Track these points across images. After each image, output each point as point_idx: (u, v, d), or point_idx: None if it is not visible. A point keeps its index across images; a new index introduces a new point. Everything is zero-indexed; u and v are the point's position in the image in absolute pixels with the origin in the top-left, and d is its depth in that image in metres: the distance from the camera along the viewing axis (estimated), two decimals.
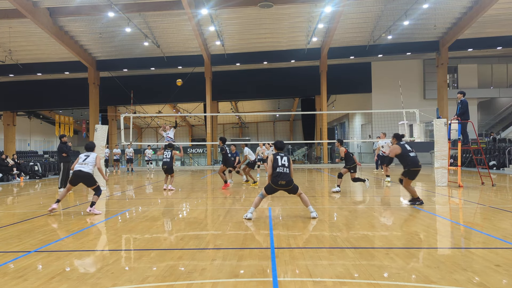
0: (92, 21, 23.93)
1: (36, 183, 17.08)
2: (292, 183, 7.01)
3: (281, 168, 6.95)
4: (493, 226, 6.14)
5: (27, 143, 45.33)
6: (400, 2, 22.30)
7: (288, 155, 7.20)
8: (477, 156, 19.41)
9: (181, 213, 8.04)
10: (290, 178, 7.00)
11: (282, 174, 6.92)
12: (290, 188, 7.05)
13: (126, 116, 17.10)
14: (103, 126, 13.00)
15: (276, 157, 7.10)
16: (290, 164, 7.12)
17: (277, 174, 6.94)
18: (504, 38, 26.63)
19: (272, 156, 7.16)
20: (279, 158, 7.09)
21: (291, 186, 7.01)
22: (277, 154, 7.19)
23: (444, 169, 12.09)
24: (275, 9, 22.60)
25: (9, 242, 5.56)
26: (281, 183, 6.91)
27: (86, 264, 4.45)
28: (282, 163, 7.02)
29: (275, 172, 6.98)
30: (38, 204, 9.72)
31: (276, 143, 7.41)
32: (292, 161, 7.28)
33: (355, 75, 31.19)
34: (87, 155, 8.26)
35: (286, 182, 6.92)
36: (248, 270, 4.13)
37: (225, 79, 31.27)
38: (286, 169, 6.98)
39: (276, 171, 6.97)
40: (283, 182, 6.91)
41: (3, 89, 33.26)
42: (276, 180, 6.93)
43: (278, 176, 6.93)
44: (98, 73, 29.96)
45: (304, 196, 7.22)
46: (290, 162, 7.15)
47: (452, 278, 3.79)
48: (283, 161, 7.05)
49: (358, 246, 5.01)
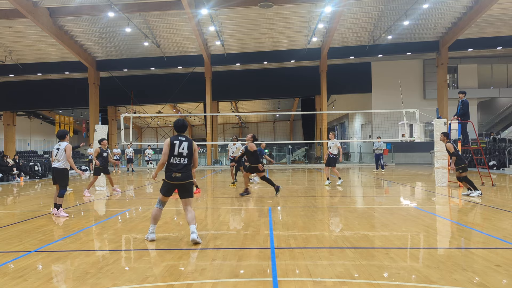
0: (92, 21, 23.93)
1: (36, 183, 17.08)
2: (189, 178, 5.51)
3: (177, 159, 5.49)
4: (493, 226, 6.14)
5: (27, 143, 45.33)
6: (400, 2, 22.29)
7: (190, 140, 5.64)
8: (477, 156, 19.40)
9: (181, 213, 8.04)
10: (188, 171, 5.51)
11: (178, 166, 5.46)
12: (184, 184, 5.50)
13: (126, 116, 17.09)
14: (103, 126, 13.02)
15: (174, 142, 5.52)
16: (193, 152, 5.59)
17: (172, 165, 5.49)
18: (504, 38, 26.62)
19: (169, 141, 5.56)
20: (177, 143, 5.51)
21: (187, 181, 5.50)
22: (176, 138, 5.58)
23: (444, 169, 12.09)
24: (275, 9, 22.59)
25: (9, 242, 5.56)
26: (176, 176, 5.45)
27: (86, 264, 4.45)
28: (180, 151, 5.51)
29: (169, 162, 5.53)
30: (38, 204, 9.71)
31: (174, 123, 5.79)
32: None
33: (355, 75, 31.19)
34: (58, 147, 7.58)
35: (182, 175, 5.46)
36: (248, 270, 4.13)
37: (225, 79, 31.27)
38: (184, 160, 5.50)
39: (170, 161, 5.51)
40: (179, 174, 5.46)
41: (3, 89, 33.25)
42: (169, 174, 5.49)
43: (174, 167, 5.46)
44: (98, 73, 29.96)
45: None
46: (193, 149, 5.59)
47: (452, 278, 3.79)
48: (181, 148, 5.51)
49: (358, 246, 5.01)
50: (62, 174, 7.53)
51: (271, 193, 10.95)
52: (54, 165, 7.57)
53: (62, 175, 7.55)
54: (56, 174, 7.55)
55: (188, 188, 5.53)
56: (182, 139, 5.53)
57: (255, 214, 7.50)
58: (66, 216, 7.58)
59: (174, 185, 5.50)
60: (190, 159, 5.53)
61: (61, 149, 7.56)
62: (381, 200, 9.72)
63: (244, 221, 6.86)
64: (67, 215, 7.64)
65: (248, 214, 7.53)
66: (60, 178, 7.55)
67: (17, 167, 18.79)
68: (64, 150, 7.53)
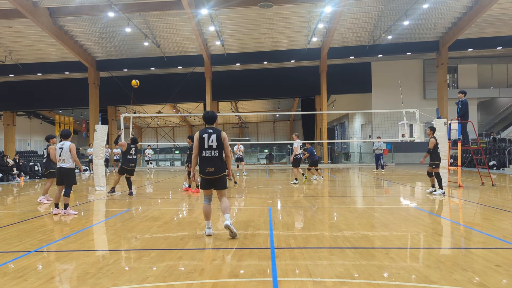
0: (92, 21, 23.93)
1: (36, 183, 17.08)
2: (222, 171, 5.53)
3: (208, 152, 5.52)
4: (493, 226, 6.14)
5: (27, 143, 45.33)
6: (400, 2, 22.29)
7: (219, 131, 5.59)
8: (477, 156, 19.40)
9: (181, 213, 8.04)
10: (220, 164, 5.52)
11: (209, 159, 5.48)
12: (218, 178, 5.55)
13: (126, 116, 17.10)
14: (103, 126, 13.02)
15: (203, 136, 5.52)
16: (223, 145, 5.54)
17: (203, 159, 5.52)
18: (504, 38, 26.62)
19: (198, 135, 5.57)
20: (206, 137, 5.50)
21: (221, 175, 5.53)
22: (205, 131, 5.56)
23: (444, 169, 12.09)
24: (275, 9, 22.60)
25: (9, 242, 5.56)
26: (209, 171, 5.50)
27: (86, 264, 4.45)
28: (209, 144, 5.52)
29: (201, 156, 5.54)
30: (38, 204, 9.71)
31: (203, 115, 5.81)
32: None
33: (355, 75, 31.19)
34: (61, 147, 7.61)
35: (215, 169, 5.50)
36: (248, 270, 4.13)
37: (225, 79, 31.27)
38: (214, 152, 5.51)
39: (202, 155, 5.54)
40: (211, 169, 5.50)
41: (3, 89, 33.24)
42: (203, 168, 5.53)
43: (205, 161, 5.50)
44: (98, 73, 29.95)
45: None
46: (222, 140, 5.54)
47: (452, 278, 3.79)
48: (211, 141, 5.51)
49: (358, 246, 5.01)
50: (69, 174, 7.60)
51: (271, 193, 10.97)
52: (61, 165, 7.61)
53: (69, 175, 7.61)
54: (64, 174, 7.60)
55: (222, 180, 5.59)
56: (211, 131, 5.53)
57: (255, 214, 7.51)
58: (75, 213, 7.78)
59: (209, 179, 5.53)
60: (221, 151, 5.53)
61: (65, 149, 7.59)
62: (381, 200, 9.72)
63: (244, 221, 6.86)
64: (76, 212, 7.87)
65: (248, 214, 7.53)
66: (68, 178, 7.63)
67: (17, 167, 18.79)
68: (68, 149, 7.56)
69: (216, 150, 5.49)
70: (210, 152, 5.48)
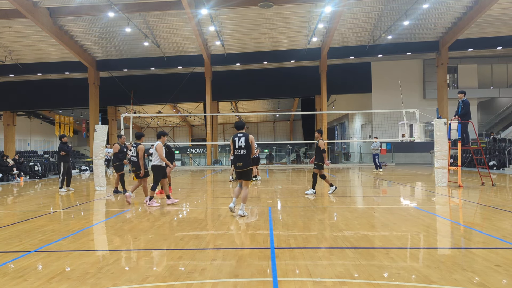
0: (92, 21, 23.93)
1: (36, 183, 17.08)
2: (248, 166, 7.18)
3: (238, 150, 7.20)
4: (493, 226, 6.14)
5: (27, 143, 45.33)
6: (400, 2, 22.30)
7: (247, 135, 7.23)
8: (477, 156, 19.40)
9: (181, 213, 8.04)
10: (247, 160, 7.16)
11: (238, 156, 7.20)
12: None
13: (126, 116, 17.09)
14: (103, 126, 13.02)
15: (234, 139, 7.28)
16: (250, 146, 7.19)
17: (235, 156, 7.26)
18: (504, 38, 26.63)
19: (231, 139, 7.41)
20: (237, 139, 7.25)
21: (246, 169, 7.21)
22: (236, 135, 7.30)
23: (444, 169, 12.09)
24: (275, 9, 22.60)
25: (9, 242, 5.56)
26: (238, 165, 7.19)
27: (86, 264, 4.45)
28: (239, 144, 7.19)
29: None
30: (38, 204, 9.72)
31: (235, 123, 7.55)
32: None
33: (355, 75, 31.19)
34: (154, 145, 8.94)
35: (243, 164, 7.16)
36: (248, 270, 4.13)
37: (225, 79, 31.28)
38: (243, 151, 7.17)
39: (235, 153, 7.27)
40: (240, 164, 7.16)
41: (3, 89, 33.26)
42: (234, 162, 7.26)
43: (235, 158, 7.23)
44: (98, 73, 29.95)
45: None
46: (249, 141, 7.18)
47: (452, 278, 3.79)
48: (240, 142, 7.20)
49: (358, 246, 5.01)
50: (157, 169, 8.80)
51: (271, 193, 10.97)
52: (152, 163, 8.89)
53: (157, 170, 8.80)
54: (153, 170, 8.82)
55: (248, 173, 7.25)
56: (240, 135, 7.26)
57: (255, 214, 7.51)
58: (158, 205, 8.76)
59: (238, 172, 7.27)
60: (248, 150, 7.19)
61: (153, 149, 8.88)
62: (381, 200, 9.72)
63: (244, 221, 6.86)
64: (159, 204, 8.88)
65: (248, 214, 7.53)
66: (155, 174, 8.83)
67: (17, 167, 18.79)
68: (155, 149, 8.74)
69: (244, 149, 7.17)
70: (239, 151, 7.18)
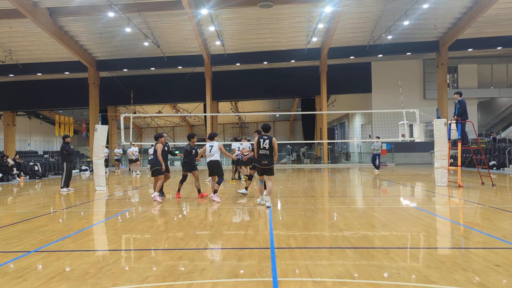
0: (92, 21, 23.92)
1: (36, 183, 17.08)
2: (271, 164, 8.27)
3: (263, 151, 8.19)
4: (493, 226, 6.14)
5: (27, 143, 45.34)
6: (400, 2, 22.29)
7: (271, 137, 8.26)
8: (477, 156, 19.40)
9: (181, 213, 8.04)
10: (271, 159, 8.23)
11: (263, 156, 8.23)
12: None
13: (126, 116, 17.09)
14: (103, 126, 13.01)
15: (260, 140, 8.23)
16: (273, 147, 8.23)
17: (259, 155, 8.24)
18: (504, 38, 26.62)
19: (256, 139, 8.34)
20: (262, 141, 8.22)
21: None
22: (261, 137, 8.28)
23: (444, 169, 12.09)
24: (275, 9, 22.59)
25: (9, 242, 5.56)
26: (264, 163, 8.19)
27: (86, 264, 4.45)
28: (263, 146, 8.17)
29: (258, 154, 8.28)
30: (38, 204, 9.72)
31: (262, 126, 8.51)
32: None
33: (355, 75, 31.18)
34: (211, 145, 9.49)
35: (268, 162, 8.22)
36: (248, 270, 4.13)
37: (225, 79, 31.26)
38: (267, 151, 8.21)
39: (259, 153, 8.23)
40: (265, 162, 8.19)
41: (3, 89, 33.25)
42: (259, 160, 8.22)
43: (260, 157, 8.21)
44: (98, 73, 29.95)
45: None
46: (273, 143, 8.21)
47: (452, 278, 3.79)
48: (265, 144, 8.20)
49: (358, 246, 5.01)
50: (217, 165, 9.46)
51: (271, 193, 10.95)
52: (210, 159, 9.44)
53: (218, 166, 9.45)
54: (213, 166, 9.42)
55: (271, 169, 8.34)
56: (265, 137, 8.29)
57: (255, 214, 7.51)
58: (219, 201, 9.16)
59: (263, 169, 8.29)
60: (271, 151, 8.26)
61: (215, 146, 9.49)
62: (381, 200, 9.72)
63: (244, 221, 6.86)
64: (220, 200, 9.28)
65: (248, 214, 7.53)
66: (217, 169, 9.44)
67: (17, 167, 18.79)
68: (218, 147, 9.49)
69: (268, 150, 8.25)
70: (264, 152, 8.23)
